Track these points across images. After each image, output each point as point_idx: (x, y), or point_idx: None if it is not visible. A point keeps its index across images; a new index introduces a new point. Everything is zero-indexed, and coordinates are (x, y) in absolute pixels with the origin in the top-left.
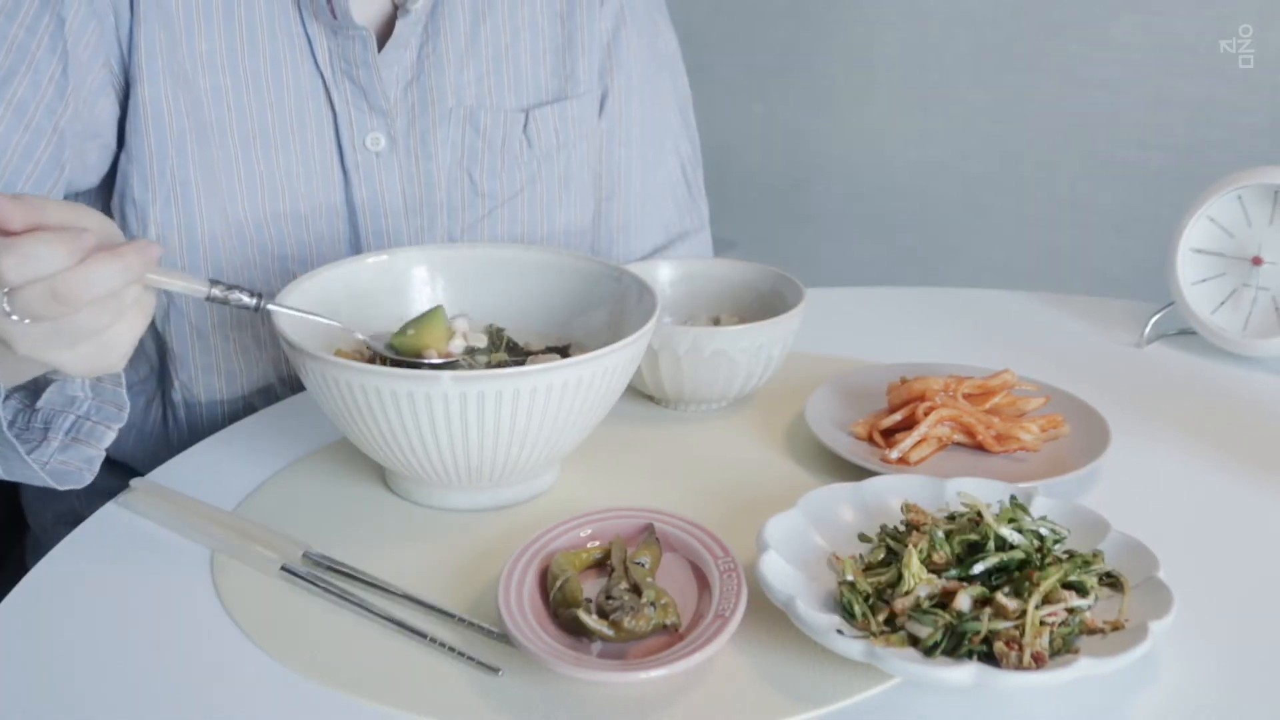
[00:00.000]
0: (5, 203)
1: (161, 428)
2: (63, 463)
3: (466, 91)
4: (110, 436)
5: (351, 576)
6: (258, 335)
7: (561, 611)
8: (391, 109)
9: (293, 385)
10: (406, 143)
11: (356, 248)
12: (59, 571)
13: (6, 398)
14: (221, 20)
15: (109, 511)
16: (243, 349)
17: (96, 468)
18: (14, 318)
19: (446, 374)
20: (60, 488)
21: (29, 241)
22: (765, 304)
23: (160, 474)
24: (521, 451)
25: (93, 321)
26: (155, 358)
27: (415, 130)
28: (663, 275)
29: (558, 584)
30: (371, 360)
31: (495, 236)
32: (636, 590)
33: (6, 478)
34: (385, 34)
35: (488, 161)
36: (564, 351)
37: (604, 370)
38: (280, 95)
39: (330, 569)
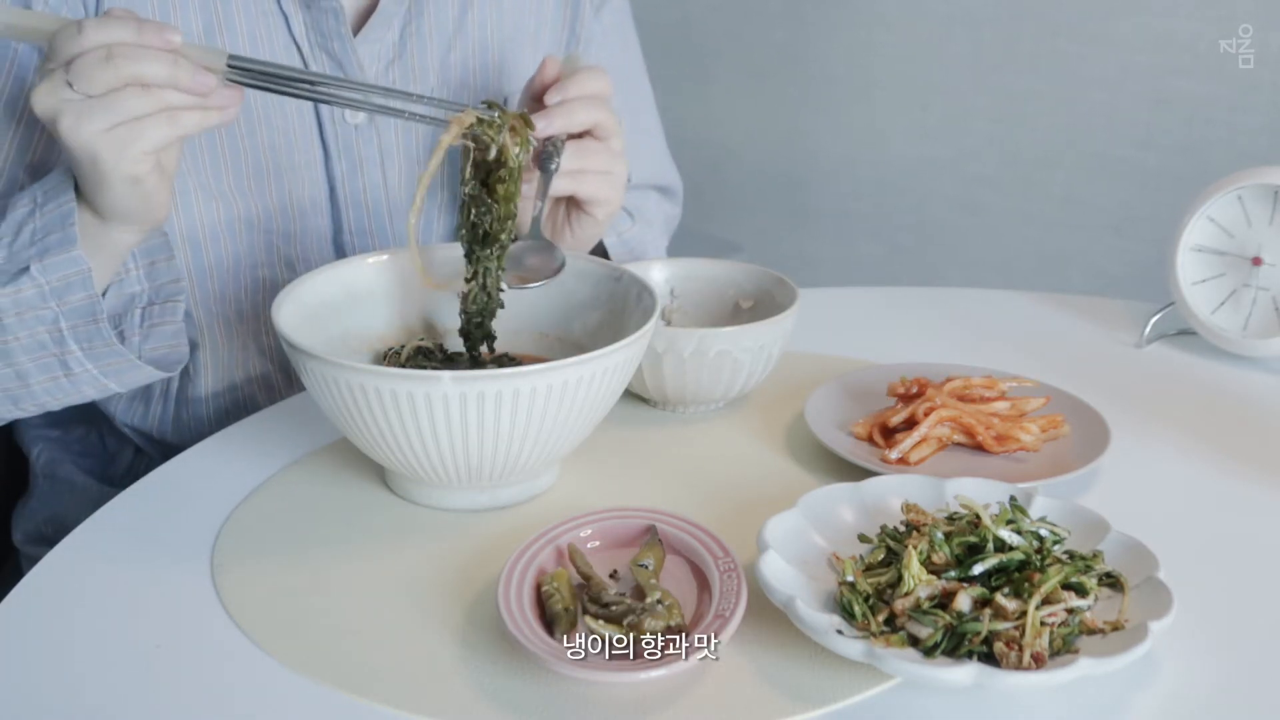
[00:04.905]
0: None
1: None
2: (153, 350)
3: (450, 74)
4: (180, 308)
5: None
6: (251, 223)
7: (562, 619)
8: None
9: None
10: (386, 117)
11: (336, 220)
12: (59, 571)
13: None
14: (196, 1)
15: (109, 512)
16: (234, 257)
17: (185, 339)
18: (70, 85)
19: (447, 374)
20: (168, 373)
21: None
22: (757, 303)
23: (160, 474)
24: (521, 451)
25: (130, 103)
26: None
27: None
28: (660, 275)
29: (551, 600)
30: None
31: None
32: (640, 593)
33: (121, 389)
34: (370, 9)
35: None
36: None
37: (604, 370)
38: None
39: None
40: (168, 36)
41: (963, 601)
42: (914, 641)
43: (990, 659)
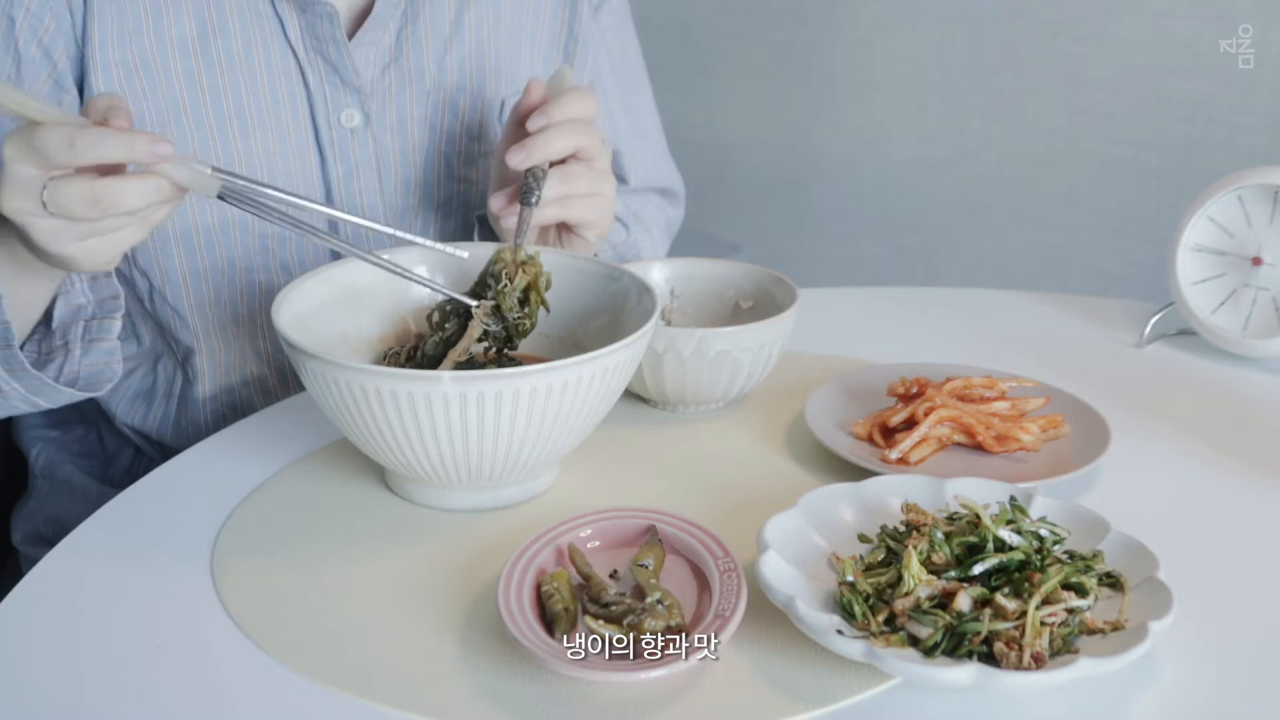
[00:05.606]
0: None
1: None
2: (90, 365)
3: (447, 76)
4: (117, 325)
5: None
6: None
7: (562, 619)
8: (368, 88)
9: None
10: (382, 120)
11: (332, 223)
12: (59, 571)
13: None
14: (189, 4)
15: (109, 512)
16: (228, 261)
17: (119, 357)
18: (49, 210)
19: (447, 374)
20: (99, 392)
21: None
22: (757, 303)
23: (160, 474)
24: (521, 451)
25: (109, 226)
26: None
27: (391, 109)
28: (660, 275)
29: (551, 600)
30: None
31: (469, 217)
32: (640, 593)
33: (50, 406)
34: (366, 12)
35: (464, 146)
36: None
37: (604, 370)
38: (253, 75)
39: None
40: (158, 150)
41: (963, 601)
42: (914, 641)
43: (990, 659)
